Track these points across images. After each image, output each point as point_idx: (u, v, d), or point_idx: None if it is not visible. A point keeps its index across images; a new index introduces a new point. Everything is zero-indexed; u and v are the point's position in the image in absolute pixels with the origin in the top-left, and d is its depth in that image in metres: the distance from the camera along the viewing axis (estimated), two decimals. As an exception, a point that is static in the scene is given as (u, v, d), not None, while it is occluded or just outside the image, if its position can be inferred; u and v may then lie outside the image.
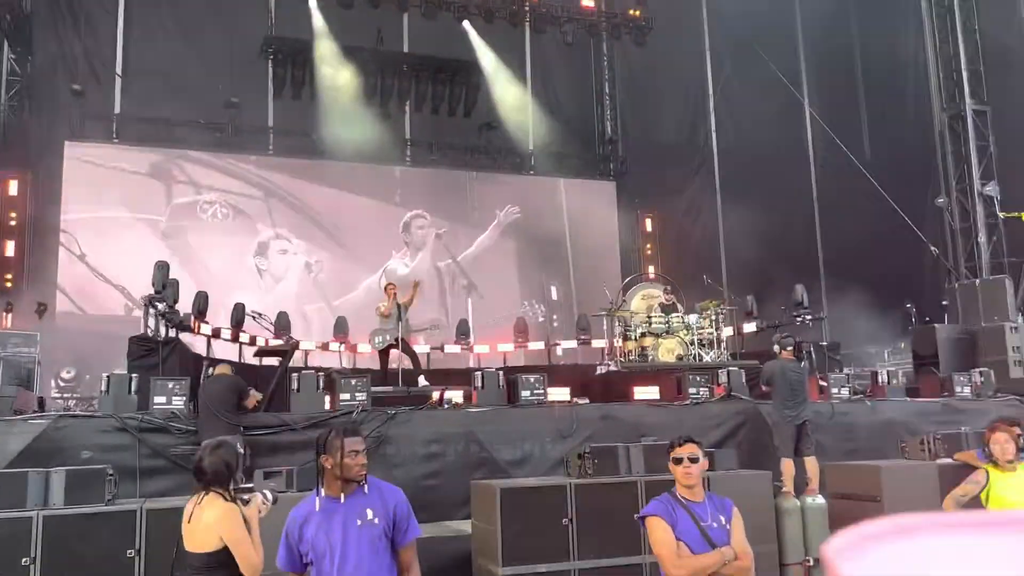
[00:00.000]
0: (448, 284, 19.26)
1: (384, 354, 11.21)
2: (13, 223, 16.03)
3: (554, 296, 19.89)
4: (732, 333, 13.73)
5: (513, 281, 19.71)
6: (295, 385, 8.75)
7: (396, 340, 10.88)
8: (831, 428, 9.76)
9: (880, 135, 17.82)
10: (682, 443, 3.84)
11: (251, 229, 17.84)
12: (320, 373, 9.08)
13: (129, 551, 5.64)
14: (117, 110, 17.62)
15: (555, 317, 19.72)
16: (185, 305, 11.25)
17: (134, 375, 8.57)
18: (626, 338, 13.13)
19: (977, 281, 14.15)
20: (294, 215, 18.03)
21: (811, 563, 7.32)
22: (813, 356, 11.75)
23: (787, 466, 8.40)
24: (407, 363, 11.05)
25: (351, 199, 18.38)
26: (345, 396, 8.74)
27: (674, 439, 3.88)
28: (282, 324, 12.53)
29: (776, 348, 9.11)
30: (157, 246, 16.04)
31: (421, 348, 13.72)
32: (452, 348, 15.16)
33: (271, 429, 8.17)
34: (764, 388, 9.11)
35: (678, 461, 3.82)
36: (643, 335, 13.04)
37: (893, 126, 17.38)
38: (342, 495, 3.26)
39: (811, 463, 8.42)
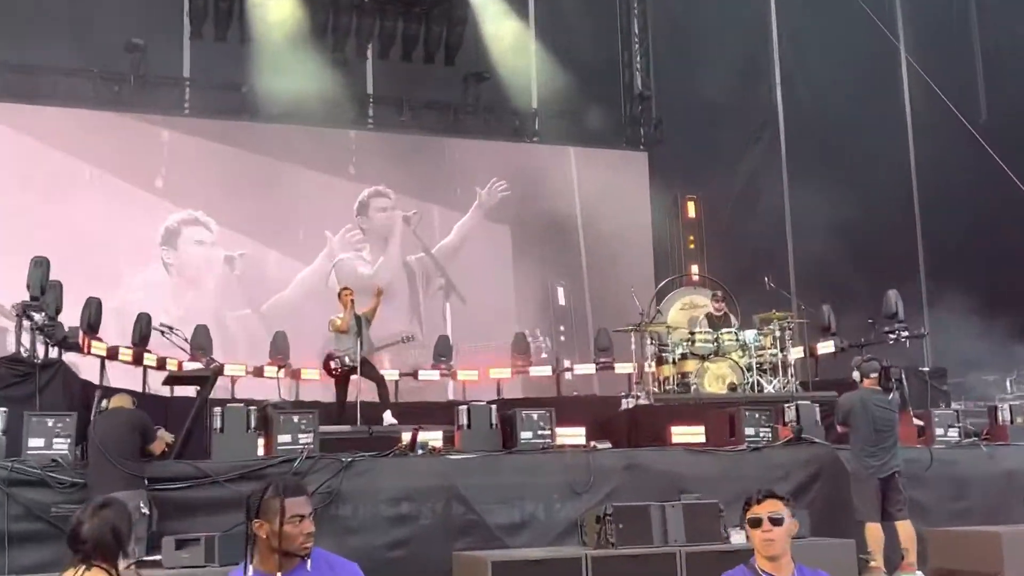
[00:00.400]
0: (422, 285, 19.23)
1: (341, 382, 11.27)
2: None
3: (561, 301, 19.73)
4: (802, 355, 13.67)
5: (507, 280, 19.59)
6: (218, 423, 8.78)
7: (355, 363, 10.97)
8: (933, 482, 9.76)
9: (1000, 92, 17.85)
10: (761, 499, 3.89)
11: (157, 212, 17.79)
12: (252, 407, 9.09)
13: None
14: (-22, 55, 17.60)
15: (562, 329, 19.60)
16: (71, 316, 11.20)
17: (2, 409, 8.50)
18: (661, 361, 13.12)
19: None
20: (213, 193, 17.98)
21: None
22: (906, 385, 11.77)
23: (873, 532, 8.48)
24: (369, 393, 11.12)
25: (290, 172, 18.32)
26: (285, 438, 8.79)
27: (752, 494, 3.94)
28: (200, 341, 12.60)
29: (856, 375, 9.19)
30: (31, 237, 15.95)
31: (389, 374, 13.75)
32: (428, 374, 15.02)
33: (186, 482, 8.20)
34: (840, 428, 9.21)
35: (756, 523, 3.85)
36: (684, 357, 13.03)
37: (1017, 80, 17.36)
38: (279, 573, 3.27)
39: (905, 528, 8.52)
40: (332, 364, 11.26)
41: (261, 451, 8.91)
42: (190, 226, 17.90)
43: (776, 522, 3.80)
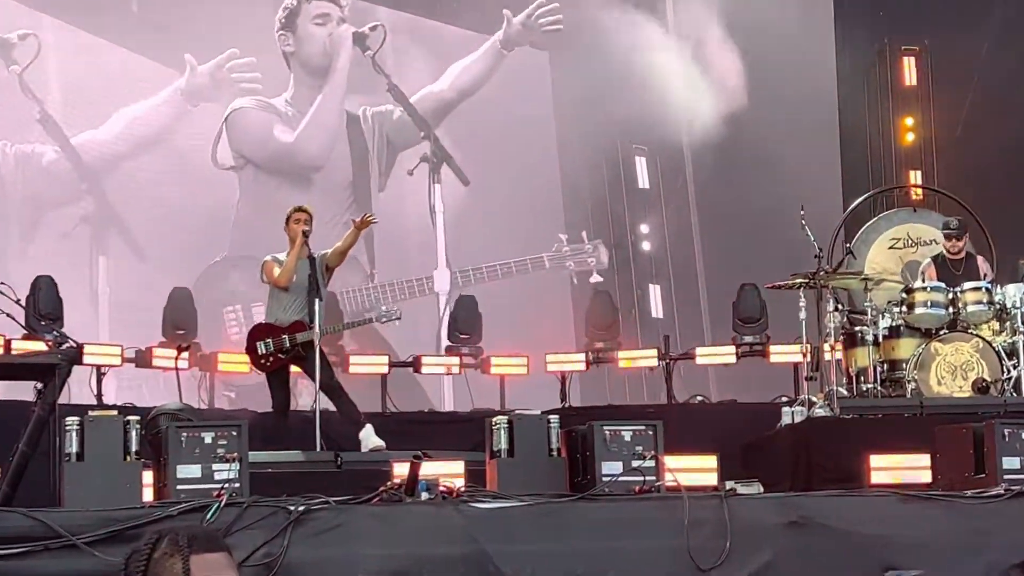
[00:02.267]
0: (377, 160, 13.98)
1: (276, 376, 9.13)
2: None
3: (642, 180, 14.34)
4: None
5: (549, 169, 14.50)
6: (74, 445, 7.31)
7: (298, 345, 8.63)
8: None
9: None
10: None
11: None
12: (132, 418, 7.52)
13: None
14: None
15: (653, 267, 14.32)
16: None
17: None
18: (853, 341, 10.64)
19: None
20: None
21: None
22: None
23: None
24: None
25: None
26: (190, 471, 7.25)
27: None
28: (45, 305, 10.55)
29: None
30: None
31: (373, 363, 11.26)
32: (437, 363, 12.12)
33: (20, 546, 6.75)
34: None
35: None
36: (895, 334, 10.59)
37: None
38: None
39: None
40: (261, 348, 8.73)
41: (149, 494, 7.32)
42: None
43: None
